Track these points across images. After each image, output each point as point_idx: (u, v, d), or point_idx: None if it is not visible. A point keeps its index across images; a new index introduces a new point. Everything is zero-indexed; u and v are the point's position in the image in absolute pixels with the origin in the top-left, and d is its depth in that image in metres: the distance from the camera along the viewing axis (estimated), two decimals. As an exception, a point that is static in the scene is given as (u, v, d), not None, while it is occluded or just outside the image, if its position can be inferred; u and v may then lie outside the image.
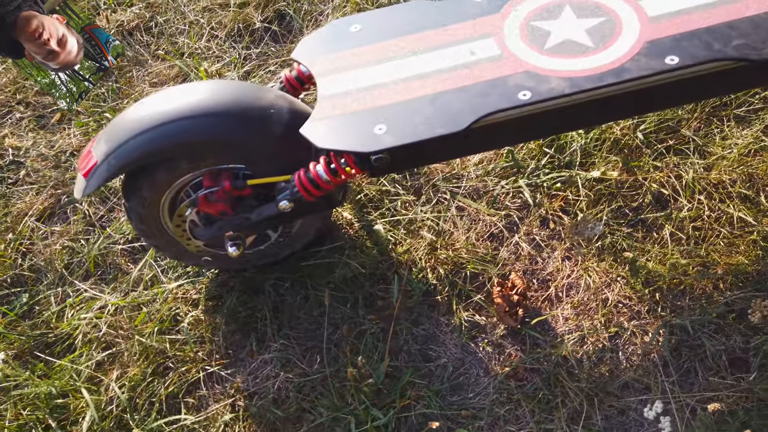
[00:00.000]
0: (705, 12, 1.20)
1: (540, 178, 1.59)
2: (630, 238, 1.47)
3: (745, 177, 1.50)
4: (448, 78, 1.22)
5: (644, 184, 1.53)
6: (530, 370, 1.37)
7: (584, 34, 1.22)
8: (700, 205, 1.48)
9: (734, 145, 1.54)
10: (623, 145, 1.60)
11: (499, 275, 1.49)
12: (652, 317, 1.38)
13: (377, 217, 1.61)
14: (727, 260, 1.39)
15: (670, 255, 1.42)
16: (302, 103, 1.34)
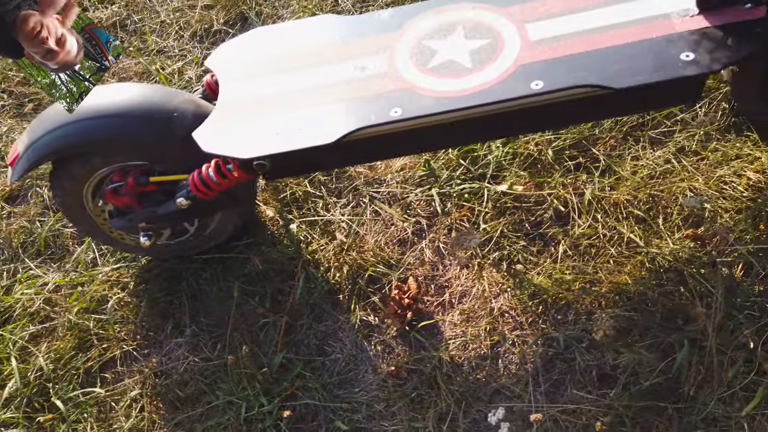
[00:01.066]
0: (580, 39, 1.23)
1: (452, 188, 1.65)
2: (525, 251, 1.52)
3: (646, 199, 1.52)
4: (333, 92, 1.29)
5: (548, 200, 1.57)
6: (411, 370, 1.44)
7: (467, 55, 1.28)
8: (596, 224, 1.51)
9: (642, 166, 1.56)
10: (535, 160, 1.64)
11: (399, 279, 1.56)
12: (533, 329, 1.42)
13: (297, 216, 1.70)
14: (612, 279, 1.42)
15: (558, 270, 1.46)
16: (211, 108, 1.43)
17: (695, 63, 1.13)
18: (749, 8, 1.17)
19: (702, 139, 1.56)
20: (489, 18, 1.32)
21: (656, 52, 1.17)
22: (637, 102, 1.24)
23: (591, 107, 1.22)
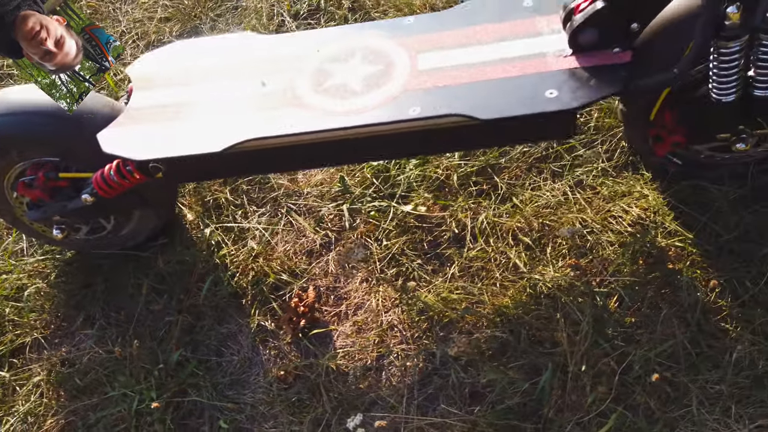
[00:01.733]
0: (462, 72, 1.31)
1: (363, 205, 1.71)
2: (421, 269, 1.58)
3: (539, 227, 1.57)
4: (232, 104, 1.38)
5: (447, 222, 1.63)
6: (298, 376, 1.49)
7: (360, 79, 1.35)
8: (488, 248, 1.57)
9: (539, 196, 1.62)
10: (443, 183, 1.70)
11: (301, 288, 1.62)
12: (417, 344, 1.48)
13: (215, 221, 1.77)
14: (494, 301, 1.48)
15: (446, 290, 1.51)
16: None
17: (557, 100, 1.20)
18: (617, 52, 1.25)
19: (598, 175, 1.63)
20: (387, 46, 1.40)
21: (525, 87, 1.24)
22: (509, 134, 1.31)
23: (465, 136, 1.29)
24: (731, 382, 1.28)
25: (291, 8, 2.20)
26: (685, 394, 1.29)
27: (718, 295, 1.37)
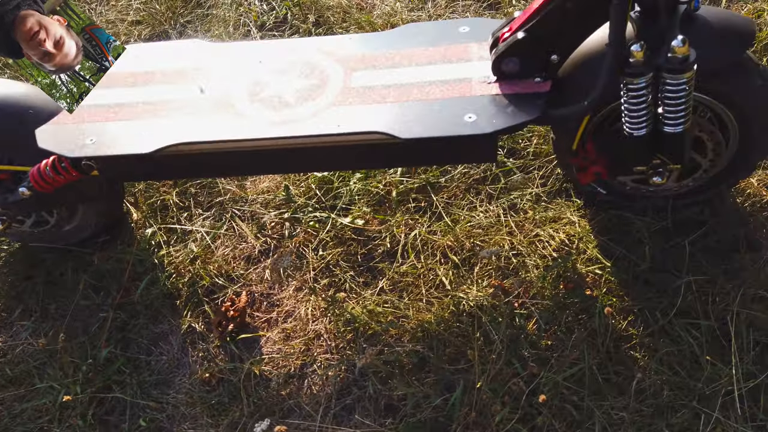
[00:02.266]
0: (391, 91, 1.35)
1: (305, 215, 1.75)
2: (353, 280, 1.61)
3: (470, 246, 1.61)
4: (170, 108, 1.41)
5: (382, 237, 1.67)
6: (222, 379, 1.51)
7: (294, 91, 1.39)
8: (419, 264, 1.60)
9: (474, 216, 1.65)
10: (383, 198, 1.74)
11: (235, 293, 1.65)
12: (340, 354, 1.50)
13: (160, 222, 1.80)
14: (418, 316, 1.51)
15: (373, 302, 1.54)
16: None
17: (474, 124, 1.24)
18: (537, 82, 1.29)
19: (531, 199, 1.66)
20: (325, 62, 1.44)
21: (447, 110, 1.28)
22: (432, 154, 1.35)
23: (388, 153, 1.32)
24: (634, 409, 1.31)
25: (258, 19, 2.25)
26: (589, 417, 1.32)
27: (630, 324, 1.41)
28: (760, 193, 1.53)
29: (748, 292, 1.38)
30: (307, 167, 1.51)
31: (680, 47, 1.07)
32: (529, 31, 1.23)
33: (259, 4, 2.30)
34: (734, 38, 1.17)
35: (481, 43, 1.42)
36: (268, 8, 2.27)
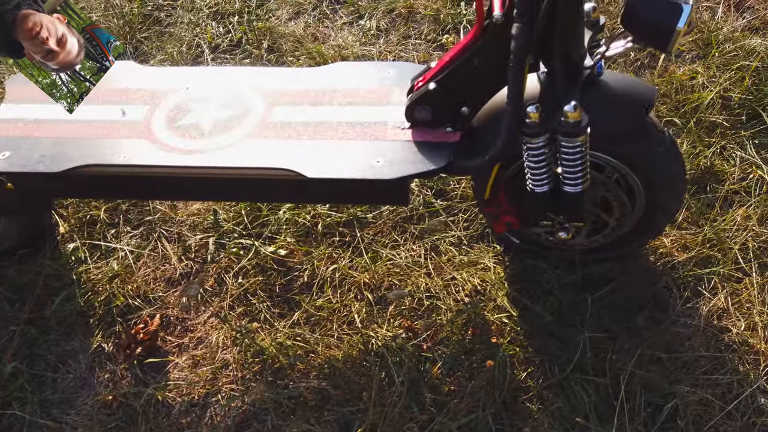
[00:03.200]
0: (307, 127, 1.36)
1: (230, 240, 1.75)
2: (269, 311, 1.61)
3: (387, 285, 1.61)
4: (88, 128, 1.42)
5: (303, 269, 1.67)
6: (123, 403, 1.50)
7: (212, 121, 1.41)
8: (335, 299, 1.60)
9: (396, 255, 1.66)
10: (309, 230, 1.74)
11: (150, 315, 1.64)
12: (245, 385, 1.50)
13: (85, 237, 1.79)
14: (327, 352, 1.51)
15: (284, 335, 1.54)
16: None
17: (377, 169, 1.26)
18: (448, 132, 1.32)
19: (453, 242, 1.68)
20: (249, 94, 1.46)
21: (357, 152, 1.30)
22: (341, 193, 1.36)
23: (298, 189, 1.34)
24: (524, 462, 1.32)
25: (212, 41, 2.27)
26: (479, 468, 1.33)
27: (529, 375, 1.42)
28: (672, 254, 1.56)
29: (647, 352, 1.40)
30: (216, 196, 1.53)
31: (572, 112, 1.10)
32: (439, 82, 1.26)
33: (215, 26, 2.33)
34: (634, 104, 1.20)
35: (404, 88, 1.44)
36: (224, 31, 2.29)
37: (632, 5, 1.06)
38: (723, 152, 1.73)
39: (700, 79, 1.88)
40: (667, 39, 1.04)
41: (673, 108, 1.83)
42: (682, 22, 1.02)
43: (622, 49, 1.15)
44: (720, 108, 1.81)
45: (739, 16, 2.04)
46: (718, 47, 1.93)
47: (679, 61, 1.97)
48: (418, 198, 1.77)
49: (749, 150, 1.71)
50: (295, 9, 2.34)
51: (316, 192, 1.34)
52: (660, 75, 1.92)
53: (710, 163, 1.70)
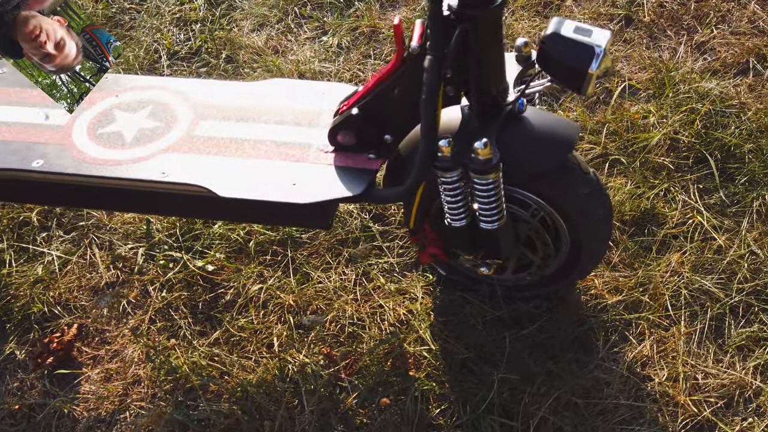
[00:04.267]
0: (230, 144, 1.32)
1: (160, 252, 1.71)
2: (189, 327, 1.57)
3: (314, 308, 1.57)
4: (7, 130, 1.38)
5: (231, 286, 1.62)
6: (27, 414, 1.45)
7: (135, 131, 1.38)
8: (257, 319, 1.56)
9: (326, 278, 1.62)
10: (241, 247, 1.70)
11: (68, 324, 1.60)
12: (154, 405, 1.45)
13: (13, 239, 1.75)
14: (241, 375, 1.47)
15: (200, 354, 1.50)
16: None
17: (293, 192, 1.23)
18: (370, 159, 1.29)
19: (386, 269, 1.65)
20: (178, 106, 1.43)
21: (275, 173, 1.27)
22: (259, 213, 1.33)
23: (213, 206, 1.30)
24: (427, 503, 1.28)
25: (171, 47, 2.25)
26: (381, 507, 1.28)
27: (442, 412, 1.37)
28: (602, 295, 1.53)
29: (564, 396, 1.36)
30: (130, 208, 1.49)
31: (482, 149, 1.07)
32: (361, 108, 1.23)
33: (176, 33, 2.31)
34: (555, 143, 1.18)
35: (334, 110, 1.42)
36: (184, 38, 2.27)
37: (546, 46, 1.04)
38: (666, 195, 1.71)
39: (652, 118, 1.86)
40: (580, 81, 1.02)
41: (621, 146, 1.81)
42: (595, 66, 1.00)
43: (542, 87, 1.13)
44: (668, 149, 1.79)
45: (699, 57, 2.03)
46: (673, 87, 1.92)
47: (633, 98, 1.95)
48: (356, 221, 1.74)
49: (692, 194, 1.69)
50: (260, 21, 2.33)
51: (231, 211, 1.31)
52: (613, 112, 1.91)
53: (652, 204, 1.67)
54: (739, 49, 2.01)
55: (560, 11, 2.25)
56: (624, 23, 2.16)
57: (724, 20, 2.12)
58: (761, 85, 1.92)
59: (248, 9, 2.37)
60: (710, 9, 2.14)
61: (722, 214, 1.64)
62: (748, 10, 2.14)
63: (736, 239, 1.58)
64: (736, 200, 1.66)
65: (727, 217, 1.63)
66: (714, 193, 1.68)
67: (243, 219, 1.54)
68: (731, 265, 1.54)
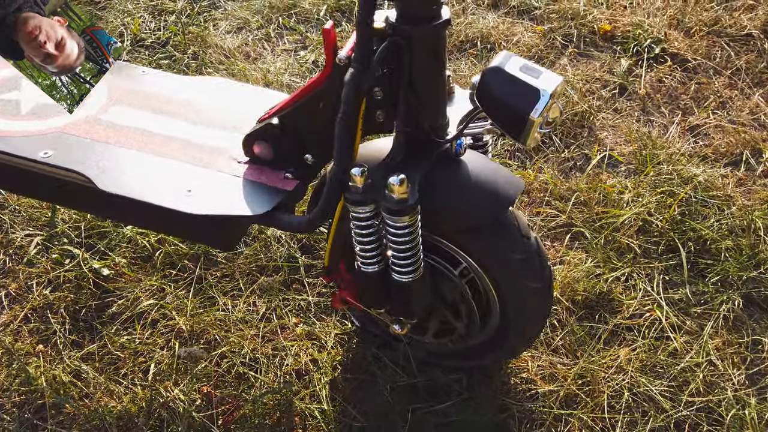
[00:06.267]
0: (135, 135, 1.17)
1: (58, 245, 1.53)
2: (64, 334, 1.37)
3: (207, 338, 1.37)
4: None
5: (125, 296, 1.43)
6: None
7: (38, 104, 1.21)
8: (142, 339, 1.36)
9: (232, 307, 1.43)
10: (149, 255, 1.51)
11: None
12: (8, 415, 1.26)
13: None
14: (104, 399, 1.26)
15: (68, 369, 1.30)
16: None
17: (183, 199, 1.05)
18: (286, 178, 1.12)
19: (303, 308, 1.46)
20: (99, 87, 1.27)
21: (173, 175, 1.10)
22: (146, 217, 1.16)
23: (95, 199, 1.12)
24: None
25: (138, 33, 2.12)
26: None
27: (319, 488, 1.18)
28: (534, 381, 1.34)
29: (463, 493, 1.16)
30: (6, 185, 1.32)
31: (397, 186, 0.90)
32: (281, 119, 1.08)
33: (148, 20, 2.18)
34: (492, 196, 1.00)
35: (262, 117, 1.26)
36: (154, 27, 2.15)
37: (486, 80, 0.88)
38: (627, 280, 1.53)
39: (627, 195, 1.71)
40: (520, 127, 0.87)
41: (589, 219, 1.65)
42: (537, 113, 0.85)
43: (482, 129, 0.98)
44: (638, 231, 1.62)
45: (690, 139, 1.90)
46: (656, 166, 1.77)
47: (612, 171, 1.80)
48: (283, 248, 1.57)
49: (656, 285, 1.51)
50: (240, 24, 2.20)
51: (116, 210, 1.13)
52: (587, 181, 1.75)
53: (609, 288, 1.50)
54: (734, 139, 1.87)
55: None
56: (618, 92, 2.04)
57: (723, 106, 1.99)
58: (752, 181, 1.77)
59: (230, 10, 2.25)
60: (711, 93, 2.02)
61: (685, 313, 1.46)
62: (751, 101, 2.01)
63: (695, 344, 1.39)
64: (703, 300, 1.49)
65: (690, 318, 1.45)
66: (680, 288, 1.51)
67: (127, 221, 1.37)
68: (685, 372, 1.35)
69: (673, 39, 2.19)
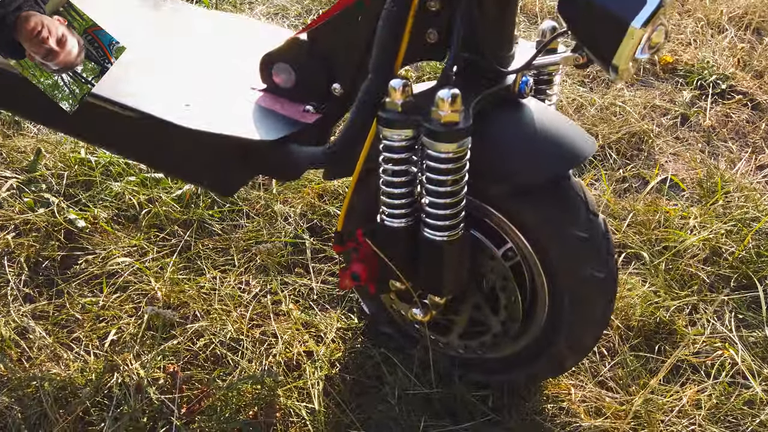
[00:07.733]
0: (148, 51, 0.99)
1: (34, 192, 1.34)
2: (19, 286, 1.16)
3: (184, 313, 1.14)
4: None
5: (98, 254, 1.22)
6: None
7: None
8: (107, 302, 1.13)
9: (221, 281, 1.20)
10: (135, 215, 1.31)
11: None
12: None
13: None
14: (48, 365, 1.03)
15: (12, 322, 1.08)
16: None
17: (180, 112, 0.86)
18: (306, 111, 0.93)
19: (302, 293, 1.23)
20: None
21: (171, 88, 0.91)
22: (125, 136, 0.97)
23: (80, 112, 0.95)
24: None
25: None
26: None
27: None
28: (576, 413, 1.09)
29: None
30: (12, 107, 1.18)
31: (448, 102, 0.70)
32: (311, 35, 0.90)
33: (186, -6, 2.08)
34: (555, 148, 0.79)
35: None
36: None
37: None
38: (692, 313, 1.30)
39: (692, 221, 1.49)
40: (616, 42, 0.68)
41: (646, 241, 1.43)
42: (641, 21, 0.66)
43: (558, 58, 0.78)
44: (705, 260, 1.40)
45: (761, 179, 1.69)
46: (726, 195, 1.56)
47: (672, 195, 1.59)
48: (289, 227, 1.37)
49: (727, 322, 1.27)
50: (276, 11, 2.06)
51: (106, 124, 0.96)
52: (645, 203, 1.54)
53: (670, 318, 1.27)
54: (810, 183, 1.67)
55: (609, 90, 1.97)
56: (679, 122, 1.86)
57: (797, 151, 1.80)
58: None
59: (271, -5, 2.16)
60: (784, 135, 1.83)
61: (762, 358, 1.22)
62: (826, 148, 1.82)
63: (777, 395, 1.15)
64: (785, 346, 1.25)
65: (769, 364, 1.21)
66: (756, 330, 1.26)
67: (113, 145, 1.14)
68: (765, 426, 1.10)
69: (741, 78, 2.03)
